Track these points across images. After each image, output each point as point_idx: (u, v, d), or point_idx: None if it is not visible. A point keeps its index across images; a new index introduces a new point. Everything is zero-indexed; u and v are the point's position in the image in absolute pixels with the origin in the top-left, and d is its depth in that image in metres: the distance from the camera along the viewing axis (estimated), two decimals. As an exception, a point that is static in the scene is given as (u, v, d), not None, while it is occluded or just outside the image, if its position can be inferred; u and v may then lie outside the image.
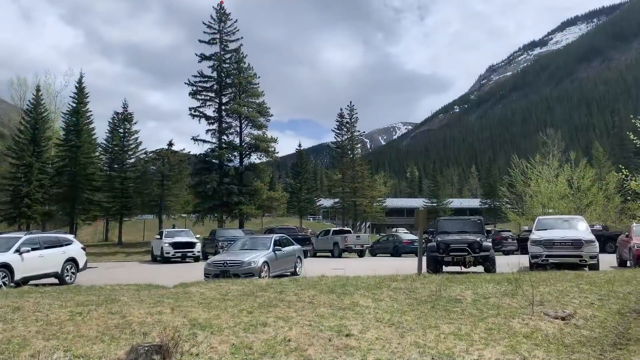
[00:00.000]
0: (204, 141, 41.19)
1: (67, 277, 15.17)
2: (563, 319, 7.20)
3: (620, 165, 25.19)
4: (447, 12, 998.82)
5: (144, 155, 44.33)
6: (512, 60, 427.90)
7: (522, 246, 27.31)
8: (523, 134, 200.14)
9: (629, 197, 36.32)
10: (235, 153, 41.93)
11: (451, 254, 14.64)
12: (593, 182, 39.66)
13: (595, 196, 38.19)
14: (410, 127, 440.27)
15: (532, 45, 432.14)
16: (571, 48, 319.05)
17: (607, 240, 26.00)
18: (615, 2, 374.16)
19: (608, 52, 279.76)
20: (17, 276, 13.40)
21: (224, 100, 41.79)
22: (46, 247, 14.78)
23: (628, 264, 16.48)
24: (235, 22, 42.12)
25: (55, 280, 14.91)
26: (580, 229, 16.29)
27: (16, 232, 26.08)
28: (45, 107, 44.03)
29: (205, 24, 41.54)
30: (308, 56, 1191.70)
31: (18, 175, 39.75)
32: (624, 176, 25.00)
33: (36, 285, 13.45)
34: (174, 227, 33.85)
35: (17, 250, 13.68)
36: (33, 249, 14.17)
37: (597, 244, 15.12)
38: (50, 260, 14.69)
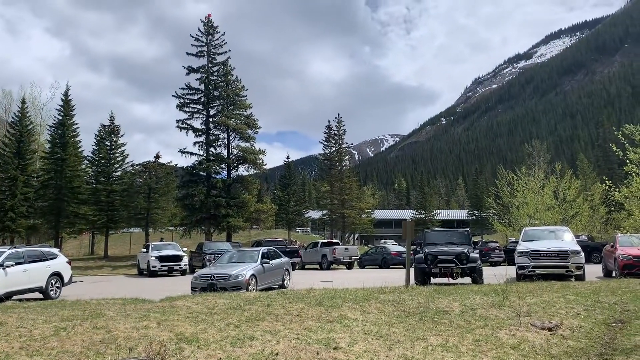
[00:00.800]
0: (192, 153, 41.13)
1: (52, 292, 14.94)
2: (550, 329, 7.24)
3: (604, 177, 25.58)
4: (432, 26, 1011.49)
5: (131, 168, 43.95)
6: (498, 73, 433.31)
7: (509, 257, 27.49)
8: (509, 145, 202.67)
9: (613, 208, 36.84)
10: (223, 165, 41.85)
11: (439, 265, 14.65)
12: (578, 193, 40.18)
13: (580, 207, 38.67)
14: (397, 139, 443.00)
15: (517, 58, 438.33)
16: (555, 61, 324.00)
17: (592, 250, 26.21)
18: (598, 16, 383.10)
19: (591, 65, 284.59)
20: (0, 291, 13.18)
21: (212, 112, 41.78)
22: (30, 262, 14.54)
23: (613, 274, 16.62)
24: (223, 34, 42.37)
25: (40, 295, 14.68)
26: (566, 239, 16.42)
27: None
28: (30, 119, 43.54)
29: (193, 36, 41.72)
30: (296, 69, 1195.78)
31: (2, 189, 39.18)
32: (608, 187, 25.41)
33: (20, 300, 13.26)
34: (161, 241, 33.56)
35: (1, 265, 13.46)
36: (17, 263, 13.93)
37: (583, 254, 15.25)
38: (35, 274, 14.45)
